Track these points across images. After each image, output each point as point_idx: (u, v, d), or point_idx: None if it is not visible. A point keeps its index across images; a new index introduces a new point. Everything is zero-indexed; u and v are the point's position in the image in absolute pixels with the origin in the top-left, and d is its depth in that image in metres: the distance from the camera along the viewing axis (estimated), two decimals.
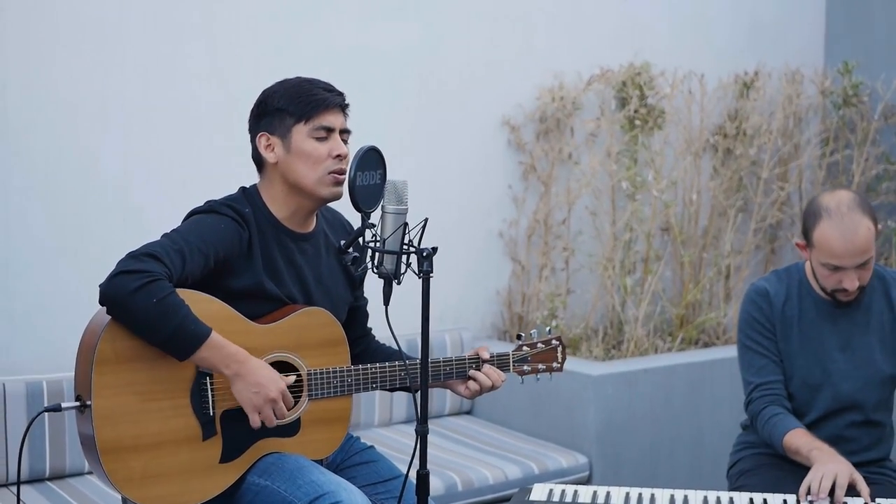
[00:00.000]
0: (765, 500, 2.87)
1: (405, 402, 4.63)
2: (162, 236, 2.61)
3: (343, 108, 2.79)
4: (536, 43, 5.10)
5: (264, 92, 2.80)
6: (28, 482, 3.75)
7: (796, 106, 5.53)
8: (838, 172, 5.67)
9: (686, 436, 4.55)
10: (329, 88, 2.77)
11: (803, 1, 5.92)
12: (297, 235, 2.79)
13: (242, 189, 2.81)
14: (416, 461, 2.49)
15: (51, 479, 3.79)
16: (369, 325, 3.06)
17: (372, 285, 2.80)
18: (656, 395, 4.50)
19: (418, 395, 2.54)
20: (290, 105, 2.72)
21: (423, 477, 2.49)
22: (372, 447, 2.95)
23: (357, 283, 2.95)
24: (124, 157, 4.13)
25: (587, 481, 4.29)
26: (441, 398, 4.73)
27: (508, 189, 5.06)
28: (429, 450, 4.19)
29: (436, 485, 3.93)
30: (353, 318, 2.97)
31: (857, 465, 3.18)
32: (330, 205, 2.88)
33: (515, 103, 5.04)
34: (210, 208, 2.71)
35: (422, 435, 2.47)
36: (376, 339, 3.06)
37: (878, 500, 2.89)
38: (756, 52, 5.65)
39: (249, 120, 2.82)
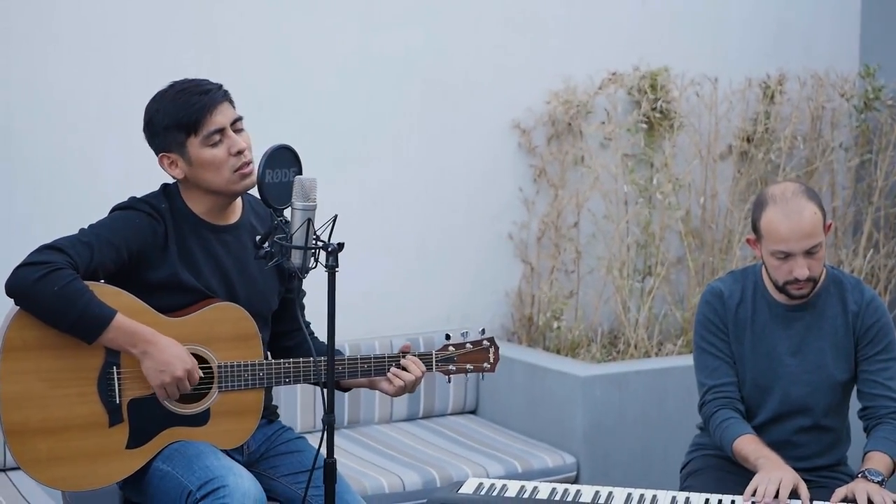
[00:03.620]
0: (706, 500, 2.87)
1: (406, 400, 4.69)
2: (79, 230, 2.73)
3: (226, 99, 2.81)
4: (547, 46, 5.13)
5: (147, 111, 2.82)
6: None
7: (816, 110, 5.45)
8: (862, 177, 5.58)
9: (680, 439, 4.50)
10: (204, 89, 2.79)
11: (834, 5, 5.84)
12: (216, 227, 2.85)
13: (164, 186, 2.90)
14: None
15: None
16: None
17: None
18: (649, 397, 4.49)
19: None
20: (175, 121, 2.76)
21: (329, 465, 2.59)
22: (302, 437, 3.01)
23: (287, 275, 2.94)
24: (126, 160, 4.26)
25: (574, 481, 4.32)
26: (444, 397, 4.79)
27: (519, 192, 5.10)
28: (418, 446, 4.34)
29: (413, 479, 4.01)
30: (285, 310, 2.99)
31: (807, 471, 3.17)
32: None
33: (526, 107, 5.08)
34: (129, 204, 2.81)
35: (328, 424, 2.55)
36: (314, 334, 3.05)
37: (815, 502, 2.89)
38: (782, 55, 5.59)
39: (146, 140, 2.86)
